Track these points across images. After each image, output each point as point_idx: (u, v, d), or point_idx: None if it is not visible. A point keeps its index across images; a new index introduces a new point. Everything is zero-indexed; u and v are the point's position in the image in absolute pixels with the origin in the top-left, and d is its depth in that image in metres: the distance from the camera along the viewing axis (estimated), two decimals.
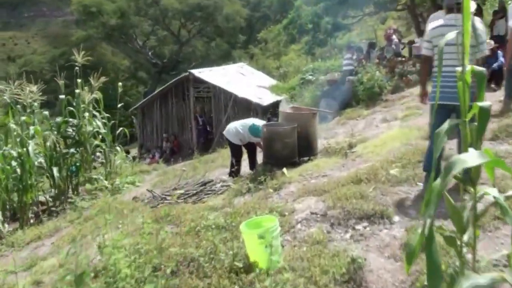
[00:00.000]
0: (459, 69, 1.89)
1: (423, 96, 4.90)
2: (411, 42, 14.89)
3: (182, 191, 7.38)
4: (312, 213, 4.49)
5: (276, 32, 19.17)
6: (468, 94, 1.86)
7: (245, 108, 15.97)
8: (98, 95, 10.02)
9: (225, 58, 38.30)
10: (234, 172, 7.67)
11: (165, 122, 18.20)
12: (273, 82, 20.79)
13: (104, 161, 10.65)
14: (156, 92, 18.80)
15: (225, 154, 12.70)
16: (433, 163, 2.00)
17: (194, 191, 7.18)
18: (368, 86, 11.05)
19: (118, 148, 11.05)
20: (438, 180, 1.66)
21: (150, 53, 40.74)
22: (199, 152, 16.80)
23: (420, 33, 15.62)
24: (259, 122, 7.60)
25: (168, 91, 18.05)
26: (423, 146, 5.99)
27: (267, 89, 18.73)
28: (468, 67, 1.86)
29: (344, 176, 5.58)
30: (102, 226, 6.66)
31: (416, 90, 11.30)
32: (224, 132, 7.81)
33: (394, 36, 14.83)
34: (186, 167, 12.18)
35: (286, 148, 6.72)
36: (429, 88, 4.77)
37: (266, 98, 16.90)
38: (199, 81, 16.98)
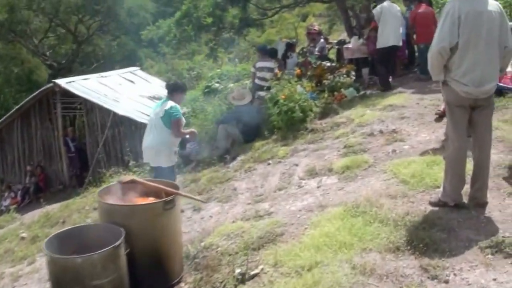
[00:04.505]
0: None
1: None
2: (342, 43, 11.57)
3: None
4: None
5: (165, 29, 14.99)
6: None
7: (128, 129, 11.93)
8: None
9: (130, 58, 33.71)
10: None
11: (28, 149, 13.60)
12: None
13: None
14: (14, 109, 14.00)
15: (92, 200, 8.73)
16: None
17: None
18: (286, 108, 7.47)
19: None
20: None
21: (48, 53, 35.12)
22: (69, 189, 12.65)
23: (351, 31, 12.47)
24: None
25: (29, 108, 13.40)
26: None
27: None
28: None
29: None
30: None
31: (354, 112, 7.91)
32: (153, 164, 5.42)
33: (319, 35, 11.51)
34: (25, 231, 8.21)
35: None
36: None
37: None
38: (68, 95, 12.62)
